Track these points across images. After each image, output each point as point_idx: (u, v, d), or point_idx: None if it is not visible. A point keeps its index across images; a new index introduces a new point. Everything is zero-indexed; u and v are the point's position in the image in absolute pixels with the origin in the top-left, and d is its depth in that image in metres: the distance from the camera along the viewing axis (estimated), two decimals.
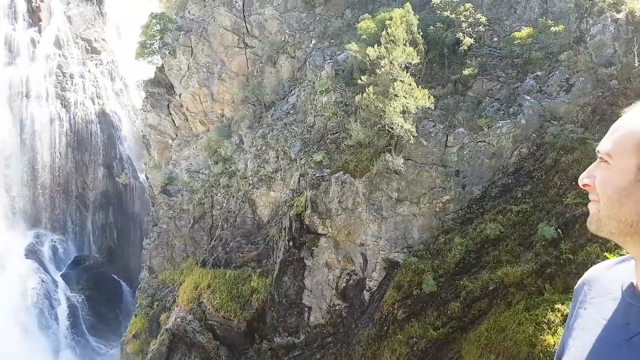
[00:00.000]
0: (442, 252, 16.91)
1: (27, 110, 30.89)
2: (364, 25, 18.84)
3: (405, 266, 17.00)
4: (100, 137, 32.80)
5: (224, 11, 22.72)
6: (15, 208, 31.45)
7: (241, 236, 22.85)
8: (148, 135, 28.57)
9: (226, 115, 25.12)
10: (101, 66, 33.75)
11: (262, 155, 22.13)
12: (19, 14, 31.11)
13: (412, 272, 16.82)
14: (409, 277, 16.80)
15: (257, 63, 23.75)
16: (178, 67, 25.22)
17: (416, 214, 17.38)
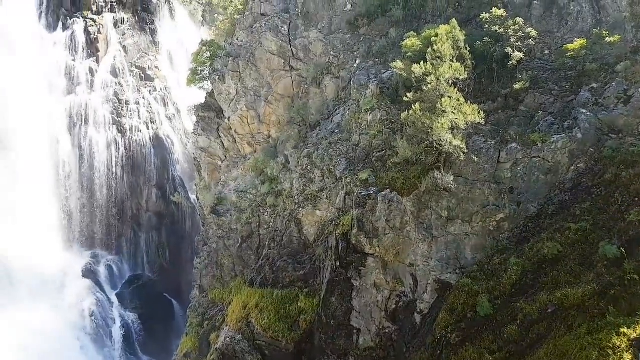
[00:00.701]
0: (497, 273, 16.23)
1: (86, 135, 32.67)
2: (409, 43, 18.76)
3: (458, 288, 16.43)
4: (154, 161, 34.19)
5: (271, 36, 23.29)
6: (74, 229, 33.03)
7: (288, 255, 22.90)
8: (199, 158, 29.44)
9: (272, 136, 25.53)
10: (155, 93, 35.32)
11: (308, 174, 22.24)
12: (78, 46, 33.17)
13: (465, 294, 16.22)
14: (462, 299, 16.21)
15: (302, 85, 24.09)
16: (227, 92, 25.98)
17: (469, 233, 16.84)
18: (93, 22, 33.51)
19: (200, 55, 28.72)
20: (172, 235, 34.12)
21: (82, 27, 33.02)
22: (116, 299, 32.53)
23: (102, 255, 33.50)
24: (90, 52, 33.23)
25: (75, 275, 32.48)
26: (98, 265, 33.10)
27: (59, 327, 31.38)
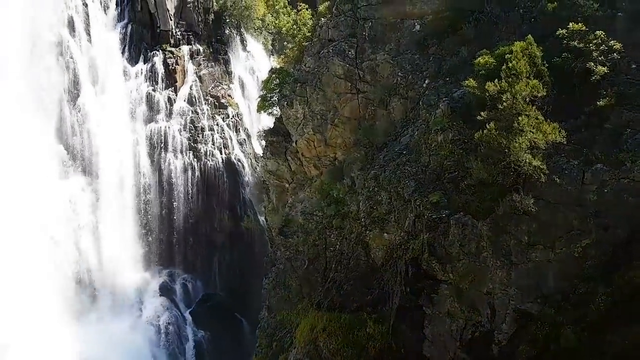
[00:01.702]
0: (584, 303, 14.98)
1: (165, 160, 34.68)
2: (481, 61, 18.16)
3: (540, 318, 15.32)
4: (226, 183, 35.61)
5: (337, 61, 23.50)
6: (153, 249, 34.80)
7: (355, 279, 22.55)
8: (267, 180, 30.10)
9: (339, 159, 25.57)
10: (227, 119, 36.95)
11: (375, 196, 21.93)
12: (158, 77, 35.46)
13: (548, 325, 15.10)
14: (544, 330, 15.09)
15: (369, 107, 24.00)
16: (294, 117, 26.47)
17: (551, 259, 15.71)
18: (171, 55, 35.73)
19: (269, 82, 29.63)
20: (242, 256, 34.98)
21: (161, 59, 35.28)
22: (190, 317, 33.68)
23: (178, 273, 35.01)
24: (169, 83, 35.38)
25: (152, 293, 34.11)
26: (174, 283, 34.60)
27: (137, 342, 32.94)
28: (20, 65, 30.87)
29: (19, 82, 30.65)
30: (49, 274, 30.99)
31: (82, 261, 33.10)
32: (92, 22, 33.36)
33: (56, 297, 31.32)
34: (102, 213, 34.11)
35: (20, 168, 30.29)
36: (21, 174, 30.39)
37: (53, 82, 31.83)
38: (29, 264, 30.19)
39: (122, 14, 34.69)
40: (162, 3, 34.95)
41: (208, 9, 38.02)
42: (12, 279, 28.89)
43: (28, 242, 30.59)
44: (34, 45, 31.44)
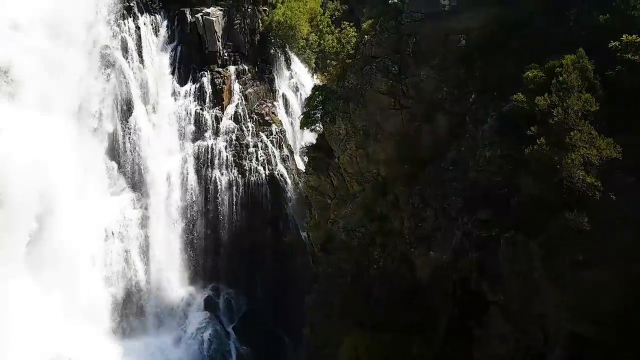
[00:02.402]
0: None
1: (211, 177, 35.52)
2: (530, 75, 17.75)
3: (596, 342, 14.51)
4: (269, 199, 36.04)
5: (381, 77, 23.53)
6: (198, 264, 35.50)
7: (399, 299, 22.09)
8: (310, 196, 30.23)
9: (382, 174, 25.39)
10: (271, 136, 37.58)
11: (420, 213, 21.57)
12: (206, 96, 36.64)
13: (605, 349, 14.27)
14: (601, 355, 14.27)
15: (413, 122, 23.78)
16: (337, 132, 26.59)
17: (607, 280, 14.91)
18: (219, 75, 36.86)
19: (312, 99, 30.04)
20: (284, 271, 35.10)
21: (209, 79, 36.44)
22: (233, 332, 33.99)
23: (222, 288, 35.49)
24: (216, 102, 36.43)
25: (197, 307, 34.70)
26: (218, 298, 35.07)
27: (181, 355, 33.49)
28: (76, 85, 32.58)
29: (76, 102, 32.36)
30: (100, 287, 32.12)
31: (131, 275, 34.13)
32: (144, 44, 34.92)
33: (106, 311, 32.38)
34: (150, 228, 35.18)
35: (75, 184, 31.71)
36: (76, 190, 31.77)
37: (107, 102, 33.36)
38: (82, 277, 31.34)
39: (172, 37, 36.14)
40: (210, 25, 36.21)
41: (254, 30, 39.06)
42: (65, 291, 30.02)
43: (81, 256, 31.82)
44: (90, 67, 33.15)
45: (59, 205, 30.29)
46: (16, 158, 28.32)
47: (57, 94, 31.48)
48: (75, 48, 32.30)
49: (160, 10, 35.97)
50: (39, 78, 30.74)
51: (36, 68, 30.68)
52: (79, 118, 32.51)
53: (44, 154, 29.39)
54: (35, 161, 28.87)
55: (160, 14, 35.94)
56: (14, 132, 28.59)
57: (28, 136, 28.86)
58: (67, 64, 31.97)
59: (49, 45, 31.28)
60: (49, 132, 30.29)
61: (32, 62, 30.29)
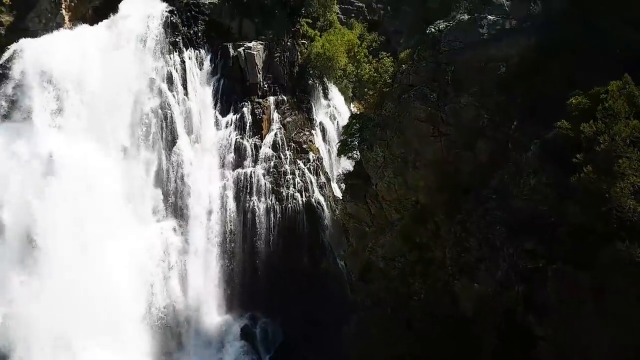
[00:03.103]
0: None
1: (249, 204, 35.93)
2: (574, 101, 17.37)
3: None
4: (306, 226, 36.01)
5: (419, 104, 23.53)
6: (236, 292, 35.60)
7: (442, 332, 21.44)
8: (347, 224, 30.09)
9: (421, 202, 25.04)
10: (308, 164, 37.87)
11: (462, 242, 21.07)
12: (246, 126, 37.51)
13: None
14: None
15: (453, 149, 23.54)
16: (375, 160, 26.58)
17: None
18: (259, 105, 37.82)
19: (350, 127, 30.31)
20: (321, 300, 34.66)
21: (250, 109, 37.42)
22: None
23: (258, 317, 35.33)
24: (256, 131, 37.25)
25: (234, 336, 34.63)
26: (255, 327, 34.90)
27: None
28: (125, 116, 34.09)
29: (124, 132, 33.80)
30: (142, 313, 32.60)
31: (171, 301, 34.52)
32: (188, 77, 36.31)
33: (146, 337, 32.75)
34: (190, 255, 35.69)
35: (120, 211, 32.75)
36: (122, 216, 32.79)
37: (153, 132, 34.66)
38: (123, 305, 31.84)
39: (215, 70, 37.48)
40: (251, 59, 37.44)
41: (293, 62, 40.10)
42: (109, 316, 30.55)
43: (125, 281, 32.51)
44: (137, 100, 34.64)
45: (104, 232, 31.19)
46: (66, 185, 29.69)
47: (106, 124, 33.04)
48: (124, 80, 33.95)
49: (205, 44, 37.49)
50: (88, 109, 32.39)
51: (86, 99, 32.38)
52: (126, 147, 33.85)
53: (93, 181, 30.66)
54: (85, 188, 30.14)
55: (204, 48, 37.46)
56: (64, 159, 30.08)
57: (78, 164, 30.27)
58: (116, 96, 33.59)
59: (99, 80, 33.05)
60: (97, 161, 31.68)
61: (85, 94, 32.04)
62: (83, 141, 31.38)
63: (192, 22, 37.81)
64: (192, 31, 37.50)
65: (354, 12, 49.07)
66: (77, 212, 30.01)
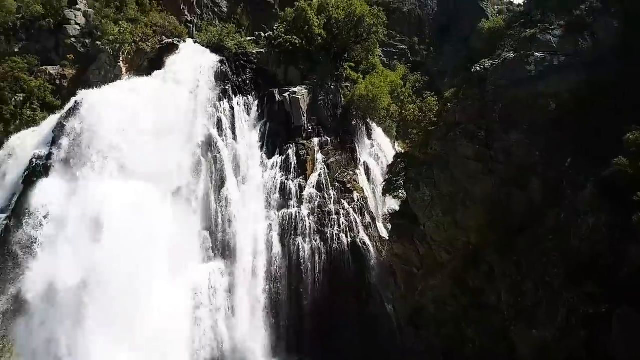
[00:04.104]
0: None
1: (294, 245, 35.90)
2: (632, 137, 16.72)
3: None
4: (352, 267, 35.37)
5: (466, 142, 23.32)
6: (282, 334, 35.14)
7: None
8: (394, 265, 29.50)
9: (472, 243, 24.33)
10: (353, 203, 37.66)
11: (518, 285, 20.16)
12: (291, 167, 38.12)
13: None
14: None
15: (503, 187, 22.97)
16: (422, 199, 26.25)
17: None
18: (303, 146, 38.53)
19: (395, 166, 30.22)
20: (369, 345, 33.60)
21: (294, 151, 38.17)
22: None
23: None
24: (300, 171, 37.76)
25: None
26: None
27: None
28: (176, 160, 35.44)
29: (175, 174, 35.06)
30: (189, 354, 32.61)
31: (217, 344, 34.45)
32: (237, 122, 37.72)
33: None
34: (236, 297, 35.75)
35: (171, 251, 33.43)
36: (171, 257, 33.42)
37: (203, 174, 35.81)
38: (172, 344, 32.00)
39: (262, 114, 38.77)
40: (296, 103, 38.58)
41: (336, 104, 40.93)
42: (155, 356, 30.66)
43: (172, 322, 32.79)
44: (188, 144, 36.08)
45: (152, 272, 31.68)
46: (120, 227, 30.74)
47: (159, 168, 34.38)
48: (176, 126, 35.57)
49: (252, 91, 39.14)
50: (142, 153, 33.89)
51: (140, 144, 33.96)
52: (178, 190, 35.02)
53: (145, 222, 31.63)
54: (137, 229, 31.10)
55: (252, 94, 39.05)
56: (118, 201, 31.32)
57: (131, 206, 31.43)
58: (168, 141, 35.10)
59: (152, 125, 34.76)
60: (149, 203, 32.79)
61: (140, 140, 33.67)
62: (136, 184, 32.68)
63: (240, 71, 39.68)
64: (240, 79, 39.28)
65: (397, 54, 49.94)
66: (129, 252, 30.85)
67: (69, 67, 39.23)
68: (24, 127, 35.73)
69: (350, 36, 41.37)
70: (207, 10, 52.05)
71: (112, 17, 40.91)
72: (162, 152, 34.35)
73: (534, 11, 24.67)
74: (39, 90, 37.06)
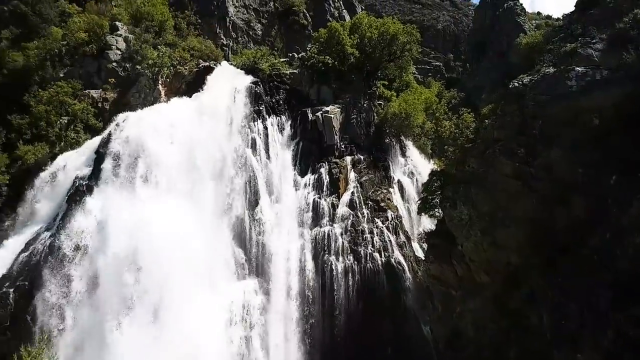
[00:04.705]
0: None
1: (327, 264, 35.64)
2: None
3: None
4: (386, 288, 34.76)
5: (505, 160, 22.70)
6: (315, 356, 34.67)
7: None
8: (431, 286, 28.74)
9: (513, 263, 23.50)
10: (387, 222, 37.22)
11: (561, 308, 19.26)
12: (323, 185, 38.14)
13: None
14: None
15: (545, 205, 22.18)
16: (459, 218, 25.59)
17: None
18: (335, 165, 38.57)
19: (430, 184, 29.73)
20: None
21: (327, 170, 38.25)
22: None
23: None
24: (333, 190, 37.72)
25: None
26: None
27: None
28: (212, 179, 36.11)
29: (211, 195, 35.66)
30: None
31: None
32: (270, 142, 38.23)
33: None
34: (270, 315, 35.65)
35: (206, 269, 33.79)
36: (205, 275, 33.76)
37: (238, 194, 36.26)
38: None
39: (295, 134, 39.18)
40: (329, 122, 38.79)
41: (369, 122, 40.91)
42: None
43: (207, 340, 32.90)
44: (223, 164, 36.75)
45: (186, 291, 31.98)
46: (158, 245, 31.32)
47: (195, 187, 35.08)
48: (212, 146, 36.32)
49: (285, 111, 39.70)
50: (179, 172, 34.67)
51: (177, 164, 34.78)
52: (214, 209, 35.55)
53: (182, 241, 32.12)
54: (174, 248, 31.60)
55: (285, 114, 39.61)
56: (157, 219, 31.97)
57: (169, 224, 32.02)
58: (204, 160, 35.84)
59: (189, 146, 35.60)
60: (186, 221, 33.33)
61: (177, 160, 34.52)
62: (174, 202, 33.37)
63: (274, 91, 40.40)
64: (274, 99, 39.95)
65: (431, 71, 49.76)
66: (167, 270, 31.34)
67: (111, 90, 40.74)
68: (68, 149, 37.05)
69: (384, 54, 41.51)
70: (242, 34, 53.45)
71: (152, 42, 42.46)
72: (198, 172, 35.11)
73: (574, 25, 24.10)
74: (82, 113, 38.51)
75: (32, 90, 38.59)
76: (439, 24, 56.33)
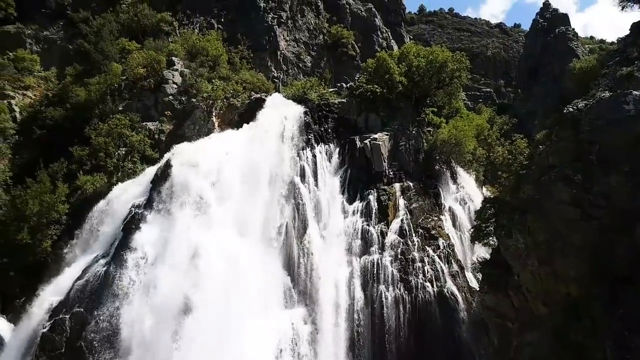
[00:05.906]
0: None
1: (376, 293, 34.93)
2: None
3: None
4: (439, 319, 33.49)
5: (562, 186, 21.88)
6: None
7: None
8: (486, 318, 27.65)
9: (573, 294, 22.31)
10: (438, 250, 36.24)
11: (625, 341, 18.05)
12: (372, 213, 37.84)
13: None
14: None
15: (605, 234, 21.07)
16: (515, 247, 24.73)
17: None
18: (384, 192, 38.29)
19: (483, 212, 28.94)
20: None
21: (375, 197, 38.01)
22: None
23: None
24: (381, 217, 37.34)
25: None
26: None
27: None
28: (263, 210, 36.75)
29: (262, 223, 36.26)
30: None
31: None
32: (319, 170, 38.66)
33: None
34: (319, 345, 35.17)
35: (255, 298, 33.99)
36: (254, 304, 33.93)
37: (287, 222, 36.67)
38: None
39: (343, 161, 39.46)
40: (377, 149, 38.84)
41: (419, 149, 40.60)
42: None
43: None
44: (273, 192, 37.40)
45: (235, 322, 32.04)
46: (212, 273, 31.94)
47: (246, 215, 35.82)
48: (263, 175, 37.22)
49: (334, 139, 40.22)
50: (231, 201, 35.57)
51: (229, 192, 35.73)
52: (263, 237, 36.05)
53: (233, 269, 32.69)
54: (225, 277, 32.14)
55: (333, 142, 40.11)
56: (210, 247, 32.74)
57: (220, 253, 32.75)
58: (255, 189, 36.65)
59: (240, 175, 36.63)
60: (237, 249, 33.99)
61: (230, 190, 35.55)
62: (226, 232, 34.19)
63: (322, 120, 41.12)
64: (322, 128, 40.63)
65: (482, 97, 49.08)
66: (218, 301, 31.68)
67: (167, 122, 42.81)
68: (125, 179, 38.83)
69: (432, 82, 41.48)
70: (292, 66, 55.16)
71: (206, 76, 44.57)
72: (248, 200, 35.93)
73: (630, 48, 23.31)
74: (139, 144, 40.49)
75: (92, 123, 40.98)
76: (489, 50, 55.82)
